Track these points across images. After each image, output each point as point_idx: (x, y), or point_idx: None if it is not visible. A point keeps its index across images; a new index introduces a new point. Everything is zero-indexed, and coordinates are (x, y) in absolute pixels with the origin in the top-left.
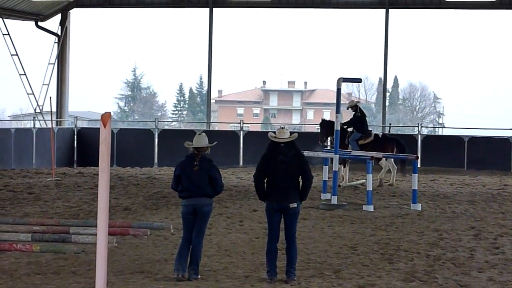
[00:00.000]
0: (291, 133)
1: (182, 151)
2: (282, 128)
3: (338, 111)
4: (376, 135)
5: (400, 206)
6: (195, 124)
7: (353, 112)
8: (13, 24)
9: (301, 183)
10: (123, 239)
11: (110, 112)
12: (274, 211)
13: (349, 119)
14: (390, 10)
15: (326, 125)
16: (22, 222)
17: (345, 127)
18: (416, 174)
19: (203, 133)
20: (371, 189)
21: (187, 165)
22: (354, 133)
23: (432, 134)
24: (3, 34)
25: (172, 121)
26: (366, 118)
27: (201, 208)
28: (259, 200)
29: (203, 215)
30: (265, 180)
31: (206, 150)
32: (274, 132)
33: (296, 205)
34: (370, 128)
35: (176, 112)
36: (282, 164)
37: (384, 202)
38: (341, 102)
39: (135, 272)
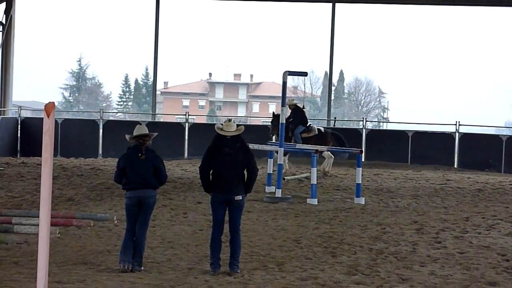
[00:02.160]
0: (238, 125)
1: (127, 142)
2: (230, 120)
3: (283, 104)
4: (319, 129)
5: (344, 200)
6: (140, 115)
7: (291, 107)
8: None
9: (246, 176)
10: (66, 230)
11: (53, 102)
12: (219, 203)
13: (291, 113)
14: (336, 4)
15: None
16: None
17: (290, 120)
18: (360, 168)
19: (143, 124)
20: (315, 183)
21: (132, 157)
22: (298, 126)
23: (377, 128)
24: None
25: (117, 112)
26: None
27: (146, 200)
28: (204, 192)
29: (148, 206)
30: (210, 172)
31: (149, 140)
32: (222, 124)
33: (241, 198)
34: (312, 123)
35: (121, 103)
36: (228, 157)
37: (328, 196)
38: (287, 95)
39: (78, 263)
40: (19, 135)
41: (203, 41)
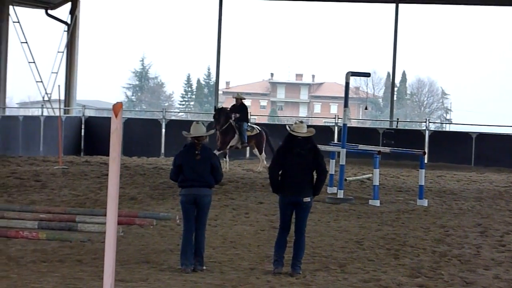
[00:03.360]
0: (308, 127)
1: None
2: (301, 122)
3: (346, 105)
4: (257, 128)
5: (407, 202)
6: (202, 115)
7: (238, 101)
8: (23, 12)
9: (315, 177)
10: (129, 229)
11: (121, 102)
12: (287, 204)
13: (235, 108)
14: (400, 4)
15: (224, 113)
16: (29, 209)
17: (236, 115)
18: (423, 170)
19: (200, 122)
20: (378, 184)
21: (188, 155)
22: (243, 124)
23: (440, 130)
24: (13, 22)
25: (179, 112)
26: None
27: (202, 199)
28: (272, 192)
29: (204, 206)
30: (279, 173)
31: (205, 139)
32: (293, 125)
33: (309, 199)
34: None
35: (184, 102)
36: (298, 157)
37: (391, 197)
38: (349, 96)
39: (141, 262)
40: (82, 134)
41: (265, 41)
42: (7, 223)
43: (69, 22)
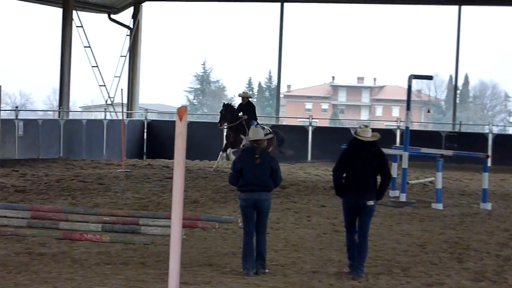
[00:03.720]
0: (373, 131)
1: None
2: (366, 126)
3: (408, 108)
4: (267, 129)
5: (470, 205)
6: (264, 118)
7: (245, 100)
8: (87, 17)
9: (379, 181)
10: (191, 232)
11: (186, 106)
12: (351, 207)
13: (242, 107)
14: (462, 6)
15: (231, 110)
16: (93, 212)
17: (244, 116)
18: (487, 173)
19: (259, 126)
20: (441, 187)
21: (248, 159)
22: (252, 122)
23: (503, 133)
24: (77, 26)
25: (240, 115)
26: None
27: (262, 203)
28: (336, 195)
29: (264, 210)
30: (343, 176)
31: (264, 142)
32: (358, 129)
33: (373, 203)
34: None
35: None
36: (364, 160)
37: (454, 201)
38: (410, 99)
39: (203, 264)
40: (145, 137)
41: (327, 44)
42: (71, 225)
43: (131, 26)
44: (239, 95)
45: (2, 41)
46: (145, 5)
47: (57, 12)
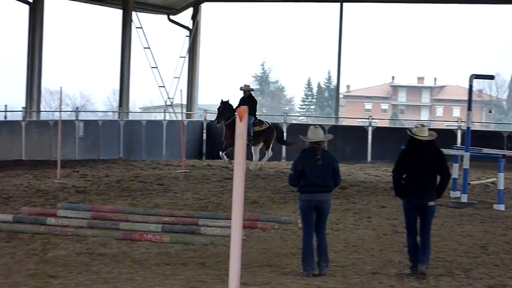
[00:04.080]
0: (429, 130)
1: (307, 145)
2: (423, 126)
3: (469, 108)
4: (267, 123)
5: None
6: (323, 118)
7: (246, 93)
8: (146, 18)
9: (439, 180)
10: (251, 232)
11: (246, 107)
12: (412, 208)
13: (244, 100)
14: None
15: (229, 108)
16: (153, 213)
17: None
18: None
19: (319, 126)
20: (503, 188)
21: (309, 160)
22: (249, 117)
23: None
24: (136, 28)
25: (299, 116)
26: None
27: (324, 204)
28: (395, 196)
29: (326, 211)
30: (403, 176)
31: (325, 143)
32: (411, 129)
33: (433, 203)
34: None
35: (304, 106)
36: (423, 160)
37: None
38: (471, 99)
39: (263, 265)
40: (204, 138)
41: (386, 44)
42: (131, 226)
43: (190, 27)
44: (240, 88)
45: (62, 42)
46: (204, 6)
47: (117, 13)
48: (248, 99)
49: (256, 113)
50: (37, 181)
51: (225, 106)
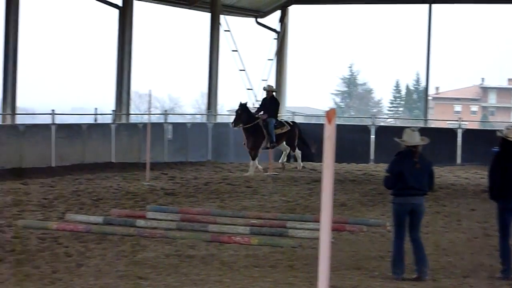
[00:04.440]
0: None
1: (399, 148)
2: None
3: None
4: (287, 123)
5: None
6: (411, 121)
7: (269, 93)
8: (234, 21)
9: None
10: (339, 235)
11: (335, 109)
12: (506, 210)
13: (265, 101)
14: None
15: (247, 111)
16: (241, 215)
17: (264, 115)
18: None
19: (416, 129)
20: None
21: (407, 163)
22: (270, 121)
23: None
24: (224, 31)
25: (388, 118)
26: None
27: (419, 208)
28: (491, 199)
29: (420, 214)
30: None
31: (420, 147)
32: (502, 131)
33: None
34: None
35: (392, 108)
36: None
37: None
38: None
39: (352, 268)
40: None
41: (476, 46)
42: (219, 228)
43: (278, 30)
44: (264, 88)
45: (151, 46)
46: (291, 8)
47: (205, 16)
48: (270, 101)
49: (278, 115)
50: (127, 183)
51: (243, 109)
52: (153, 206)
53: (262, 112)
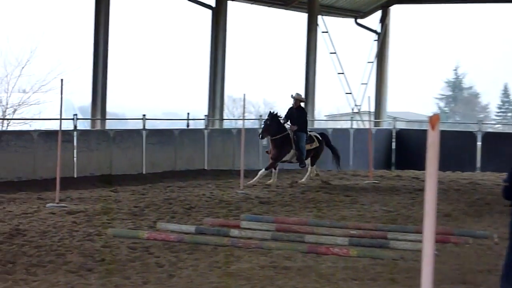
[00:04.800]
0: None
1: (508, 155)
2: None
3: None
4: (315, 137)
5: None
6: None
7: (297, 103)
8: (332, 22)
9: None
10: (443, 247)
11: (438, 114)
12: None
13: (292, 111)
14: None
15: (277, 122)
16: (339, 225)
17: (294, 127)
18: None
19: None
20: None
21: None
22: (302, 136)
23: None
24: (322, 32)
25: (495, 123)
26: None
27: None
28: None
29: None
30: None
31: None
32: None
33: None
34: None
35: (500, 114)
36: None
37: None
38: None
39: (456, 282)
40: (393, 147)
41: None
42: (317, 239)
43: (379, 31)
44: (291, 96)
45: (245, 48)
46: (393, 9)
47: (302, 17)
48: (297, 111)
49: (307, 127)
50: (220, 191)
51: (273, 119)
52: (247, 215)
53: (289, 123)
